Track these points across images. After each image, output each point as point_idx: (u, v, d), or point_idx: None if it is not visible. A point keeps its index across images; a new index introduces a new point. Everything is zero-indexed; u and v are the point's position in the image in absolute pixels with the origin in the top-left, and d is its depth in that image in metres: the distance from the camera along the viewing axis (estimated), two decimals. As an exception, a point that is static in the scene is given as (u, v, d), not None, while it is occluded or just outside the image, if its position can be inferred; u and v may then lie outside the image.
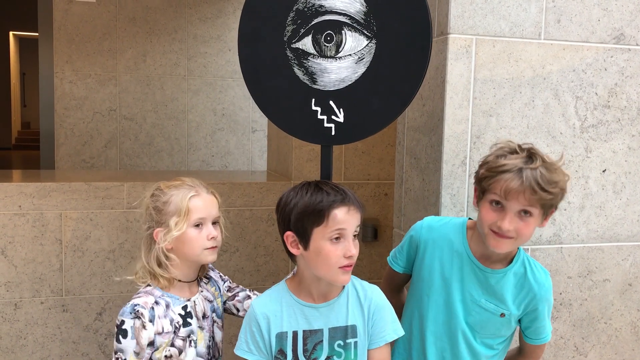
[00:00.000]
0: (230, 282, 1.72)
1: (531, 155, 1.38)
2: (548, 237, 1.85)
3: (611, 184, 1.89)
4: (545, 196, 1.34)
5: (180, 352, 1.49)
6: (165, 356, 1.47)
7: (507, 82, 1.77)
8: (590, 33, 1.82)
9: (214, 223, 1.55)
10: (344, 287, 1.45)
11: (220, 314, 1.64)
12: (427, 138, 1.85)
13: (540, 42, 1.79)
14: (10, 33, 11.83)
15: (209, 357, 1.58)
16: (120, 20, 4.78)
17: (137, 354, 1.44)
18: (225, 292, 1.69)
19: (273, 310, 1.44)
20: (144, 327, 1.44)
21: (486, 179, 1.41)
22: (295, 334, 1.41)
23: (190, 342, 1.51)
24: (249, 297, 1.69)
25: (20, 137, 12.67)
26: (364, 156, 2.95)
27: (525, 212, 1.37)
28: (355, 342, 1.41)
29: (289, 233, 1.40)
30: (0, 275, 2.46)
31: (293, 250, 1.41)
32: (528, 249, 1.83)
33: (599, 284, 1.91)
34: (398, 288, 1.71)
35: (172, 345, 1.48)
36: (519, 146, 1.42)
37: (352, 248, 1.35)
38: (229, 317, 1.75)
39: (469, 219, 1.59)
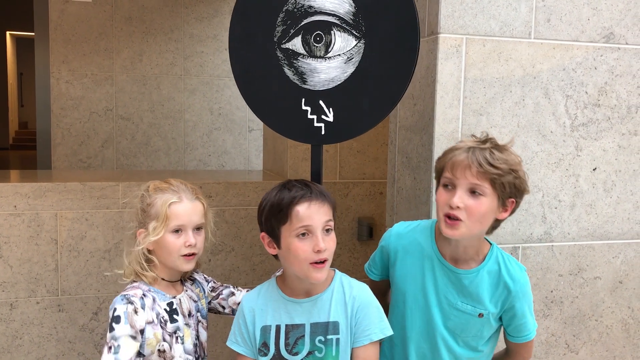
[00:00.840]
0: (214, 282, 1.73)
1: (484, 140, 1.43)
2: (539, 235, 1.87)
3: (601, 182, 1.90)
4: (492, 170, 1.36)
5: (170, 347, 1.51)
6: (159, 350, 1.49)
7: (497, 82, 1.78)
8: (580, 32, 1.83)
9: (198, 229, 1.56)
10: (330, 283, 1.46)
11: (204, 314, 1.66)
12: (418, 137, 1.86)
13: (531, 41, 1.80)
14: (7, 33, 11.82)
15: (196, 356, 1.59)
16: (116, 20, 4.79)
17: (133, 337, 1.43)
18: (209, 292, 1.70)
19: (260, 304, 1.48)
20: (135, 312, 1.45)
21: (439, 161, 1.47)
22: (278, 327, 1.45)
23: (177, 338, 1.53)
24: (232, 294, 1.71)
25: (18, 137, 12.65)
26: (359, 155, 2.96)
27: (475, 190, 1.38)
28: (337, 339, 1.42)
29: (263, 234, 1.45)
30: (-4, 276, 2.47)
31: (270, 251, 1.45)
32: (519, 247, 1.84)
33: (590, 282, 1.93)
34: (381, 292, 1.70)
35: (164, 339, 1.50)
36: (474, 135, 1.49)
37: (320, 242, 1.36)
38: (225, 318, 1.77)
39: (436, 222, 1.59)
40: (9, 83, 12.25)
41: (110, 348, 1.42)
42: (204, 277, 1.73)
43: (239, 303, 1.68)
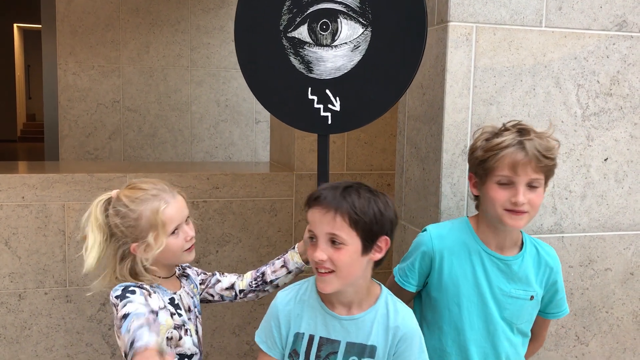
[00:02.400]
0: (203, 274, 1.70)
1: (521, 129, 1.44)
2: (549, 226, 1.85)
3: (613, 173, 1.88)
4: (549, 162, 1.41)
5: (180, 337, 1.50)
6: (167, 338, 1.47)
7: (507, 71, 1.76)
8: (592, 20, 1.81)
9: (187, 219, 1.53)
10: (375, 302, 1.38)
11: (199, 309, 1.64)
12: (427, 127, 1.84)
13: (542, 29, 1.77)
14: (15, 25, 11.84)
15: (200, 350, 1.58)
16: (123, 12, 4.78)
17: (155, 312, 1.36)
18: (200, 285, 1.69)
19: (296, 310, 1.41)
20: (150, 295, 1.42)
21: (487, 161, 1.43)
22: (311, 337, 1.38)
23: (186, 330, 1.52)
24: (218, 280, 1.68)
25: (26, 129, 12.71)
26: (366, 147, 2.94)
27: (533, 183, 1.42)
28: None
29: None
30: (4, 267, 2.48)
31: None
32: (529, 238, 1.82)
33: (601, 273, 1.91)
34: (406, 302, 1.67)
35: (174, 327, 1.49)
36: (504, 125, 1.47)
37: (315, 252, 1.29)
38: (232, 309, 1.76)
39: (468, 217, 1.60)
40: (17, 75, 12.29)
41: (124, 315, 1.30)
42: (195, 271, 1.70)
43: (226, 288, 1.67)
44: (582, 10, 1.79)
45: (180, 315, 1.52)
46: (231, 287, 1.69)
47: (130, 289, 1.38)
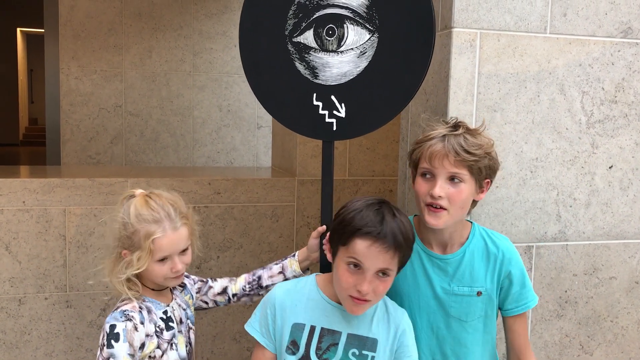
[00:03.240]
0: (200, 282, 1.69)
1: (456, 125, 1.44)
2: (553, 234, 1.83)
3: (618, 181, 1.87)
4: (469, 157, 1.39)
5: (162, 354, 1.49)
6: (150, 357, 1.46)
7: (511, 77, 1.75)
8: (597, 27, 1.80)
9: (184, 250, 1.50)
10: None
11: (193, 320, 1.63)
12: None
13: (546, 36, 1.76)
14: (18, 29, 11.87)
15: None
16: (125, 16, 4.78)
17: (131, 356, 1.41)
18: (195, 295, 1.67)
19: (293, 299, 1.42)
20: (135, 328, 1.42)
21: (413, 152, 1.47)
22: (312, 328, 1.39)
23: (172, 344, 1.51)
24: (210, 287, 1.68)
25: (28, 133, 12.72)
26: (368, 152, 2.93)
27: (454, 178, 1.41)
28: (373, 357, 1.37)
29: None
30: (5, 271, 2.46)
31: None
32: (533, 246, 1.81)
33: (605, 282, 1.89)
34: None
35: (158, 347, 1.48)
36: (445, 120, 1.49)
37: (363, 284, 1.29)
38: (232, 315, 1.74)
39: (415, 215, 1.59)
40: (19, 79, 12.31)
41: None
42: (192, 280, 1.69)
43: (218, 293, 1.66)
44: (587, 17, 1.78)
45: (171, 328, 1.51)
46: (223, 291, 1.67)
47: (115, 331, 1.39)
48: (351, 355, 1.36)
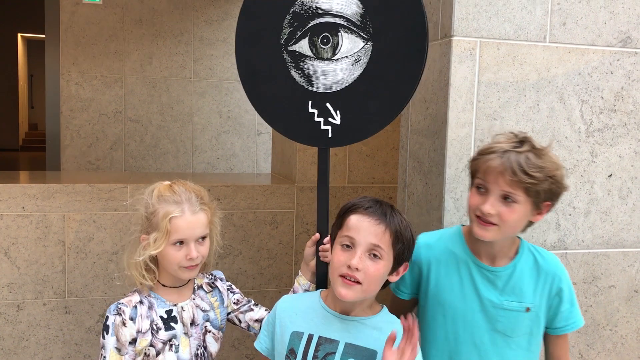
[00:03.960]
0: (240, 296, 1.67)
1: (522, 140, 1.37)
2: (552, 242, 1.83)
3: (617, 189, 1.87)
4: (526, 179, 1.31)
5: (158, 353, 1.49)
6: (145, 354, 1.48)
7: (511, 86, 1.75)
8: (596, 36, 1.80)
9: (202, 238, 1.52)
10: (379, 311, 1.39)
11: (217, 325, 1.61)
12: (431, 141, 1.83)
13: (546, 45, 1.77)
14: (19, 35, 11.89)
15: None
16: (126, 23, 4.80)
17: (118, 350, 1.45)
18: (231, 304, 1.66)
19: (295, 308, 1.43)
20: (123, 324, 1.45)
21: (473, 162, 1.42)
22: (310, 336, 1.37)
23: (171, 346, 1.50)
24: (251, 309, 1.66)
25: (28, 139, 12.72)
26: (368, 160, 2.93)
27: (508, 197, 1.34)
28: None
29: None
30: (3, 277, 2.46)
31: (327, 258, 1.44)
32: (532, 254, 1.81)
33: (604, 291, 1.89)
34: (407, 312, 1.65)
35: (151, 345, 1.48)
36: (514, 133, 1.41)
37: (354, 259, 1.28)
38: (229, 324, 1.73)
39: (462, 225, 1.57)
40: (20, 85, 12.33)
41: (101, 356, 1.47)
42: (230, 288, 1.67)
43: (256, 320, 1.65)
44: (586, 26, 1.79)
45: (170, 328, 1.50)
46: (260, 320, 1.65)
47: (107, 323, 1.46)
48: None
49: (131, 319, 1.47)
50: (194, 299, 1.57)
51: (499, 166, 1.33)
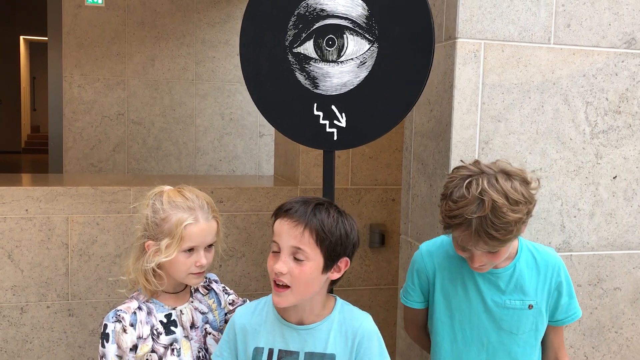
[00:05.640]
0: (235, 296, 1.68)
1: (482, 194, 1.30)
2: (557, 244, 1.83)
3: (622, 191, 1.86)
4: (501, 237, 1.31)
5: (160, 359, 1.48)
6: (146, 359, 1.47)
7: (516, 87, 1.75)
8: (601, 38, 1.80)
9: (210, 246, 1.51)
10: (331, 313, 1.38)
11: (216, 326, 1.61)
12: (435, 143, 1.83)
13: (550, 46, 1.76)
14: (21, 37, 11.92)
15: None
16: (128, 25, 4.80)
17: (119, 357, 1.44)
18: (227, 305, 1.67)
19: (253, 323, 1.42)
20: (124, 330, 1.44)
21: (445, 225, 1.39)
22: (271, 351, 1.38)
23: (172, 350, 1.50)
24: None
25: (30, 141, 12.74)
26: (371, 161, 2.93)
27: (490, 251, 1.37)
28: None
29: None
30: (7, 279, 2.46)
31: None
32: (537, 257, 1.80)
33: (610, 293, 1.88)
34: (424, 325, 1.66)
35: (153, 351, 1.48)
36: (469, 181, 1.33)
37: (278, 263, 1.29)
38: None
39: None
40: (22, 87, 12.35)
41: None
42: (224, 289, 1.68)
43: None
44: (590, 28, 1.79)
45: (171, 332, 1.50)
46: None
47: (106, 331, 1.44)
48: None
49: (131, 325, 1.45)
50: (192, 302, 1.57)
51: (473, 239, 1.33)
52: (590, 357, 1.89)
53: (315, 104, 1.58)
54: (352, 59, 1.53)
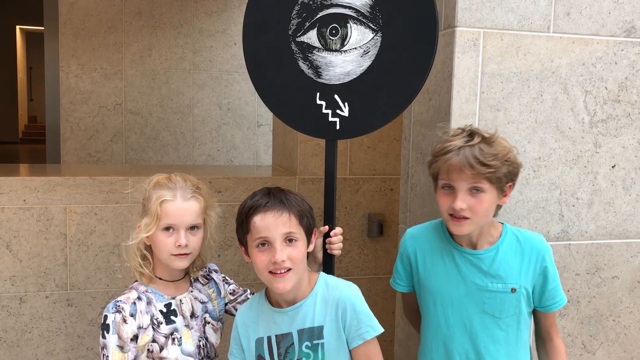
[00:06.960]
0: (235, 286, 1.70)
1: (471, 133, 1.43)
2: (556, 233, 1.83)
3: (620, 180, 1.86)
4: (484, 170, 1.37)
5: (161, 348, 1.49)
6: (148, 350, 1.48)
7: (515, 76, 1.74)
8: (601, 26, 1.79)
9: (193, 228, 1.52)
10: (314, 287, 1.45)
11: (215, 316, 1.63)
12: (434, 133, 1.82)
13: (549, 35, 1.76)
14: (17, 27, 11.84)
15: (200, 357, 1.56)
16: (125, 14, 4.77)
17: (120, 347, 1.45)
18: (228, 295, 1.67)
19: (252, 317, 1.49)
20: (124, 321, 1.45)
21: (433, 165, 1.46)
22: (269, 339, 1.44)
23: (173, 339, 1.51)
24: (248, 299, 1.68)
25: (27, 131, 12.71)
26: (369, 151, 2.92)
27: (475, 188, 1.40)
28: (322, 344, 1.41)
29: (238, 243, 1.47)
30: (5, 270, 2.46)
31: (246, 259, 1.45)
32: (535, 246, 1.80)
33: (608, 281, 1.89)
34: (416, 309, 1.68)
35: (154, 341, 1.48)
36: (462, 128, 1.47)
37: (277, 254, 1.35)
38: (229, 318, 1.74)
39: None
40: (19, 77, 12.29)
41: (103, 356, 1.46)
42: (225, 279, 1.70)
43: None
44: (590, 16, 1.78)
45: (171, 322, 1.51)
46: None
47: (106, 322, 1.46)
48: (305, 349, 1.41)
49: (131, 315, 1.47)
50: (191, 292, 1.58)
51: (458, 163, 1.39)
52: (588, 345, 1.90)
53: (318, 93, 1.57)
54: (355, 48, 1.53)
